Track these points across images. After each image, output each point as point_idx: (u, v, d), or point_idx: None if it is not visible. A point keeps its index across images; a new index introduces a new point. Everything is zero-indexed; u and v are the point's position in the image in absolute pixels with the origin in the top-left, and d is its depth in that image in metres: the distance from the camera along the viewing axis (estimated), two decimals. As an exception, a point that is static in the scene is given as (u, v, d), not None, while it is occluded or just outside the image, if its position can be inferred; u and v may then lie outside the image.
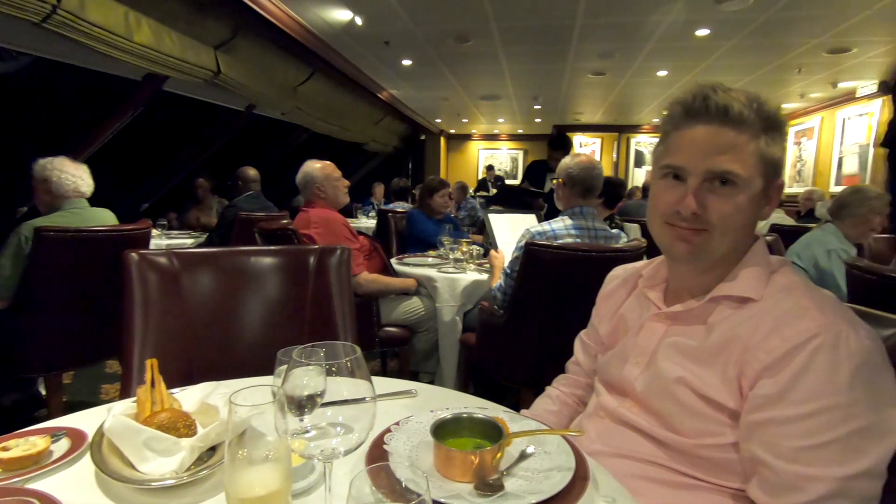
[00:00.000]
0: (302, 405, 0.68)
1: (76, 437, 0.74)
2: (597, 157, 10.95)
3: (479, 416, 0.74)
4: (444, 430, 0.71)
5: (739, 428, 0.72)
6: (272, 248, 1.44)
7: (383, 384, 1.03)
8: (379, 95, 7.40)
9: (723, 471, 0.74)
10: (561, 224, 2.06)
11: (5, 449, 0.68)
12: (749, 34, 4.61)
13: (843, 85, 6.59)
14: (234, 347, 1.33)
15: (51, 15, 2.49)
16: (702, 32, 4.60)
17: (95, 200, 2.43)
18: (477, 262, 2.78)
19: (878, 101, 6.50)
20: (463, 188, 7.29)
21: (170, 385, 0.86)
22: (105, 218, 2.34)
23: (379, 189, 7.72)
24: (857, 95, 6.83)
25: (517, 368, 2.08)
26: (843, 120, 7.29)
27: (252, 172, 4.00)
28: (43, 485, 0.64)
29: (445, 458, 0.67)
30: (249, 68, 4.30)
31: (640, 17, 4.25)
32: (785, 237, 2.97)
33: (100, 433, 0.71)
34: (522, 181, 4.36)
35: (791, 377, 0.66)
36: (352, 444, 0.56)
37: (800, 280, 0.76)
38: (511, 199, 4.39)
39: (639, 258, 1.85)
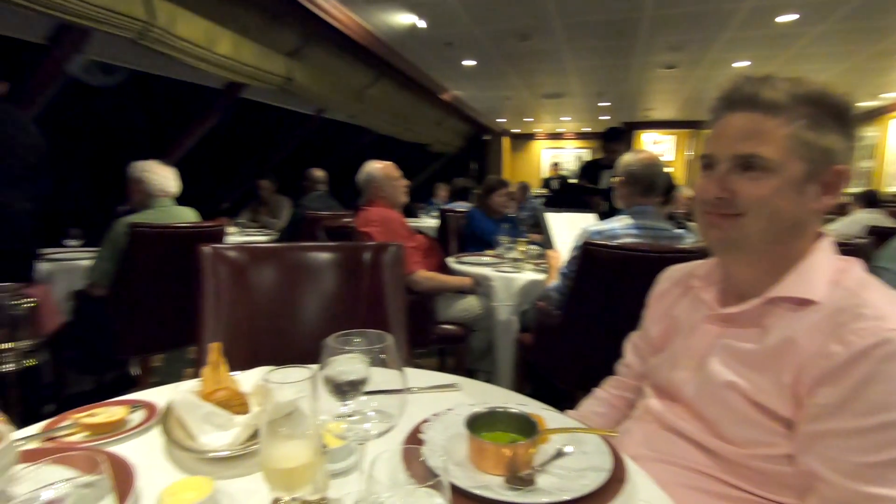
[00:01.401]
0: (344, 391, 0.71)
1: (150, 409, 0.83)
2: (671, 155, 10.44)
3: (514, 410, 0.74)
4: (478, 423, 0.72)
5: (795, 439, 0.67)
6: (329, 244, 1.51)
7: (429, 378, 1.06)
8: (442, 96, 7.50)
9: (775, 484, 0.69)
10: (620, 223, 2.00)
11: (91, 415, 0.77)
12: (842, 18, 4.21)
13: (961, 70, 5.86)
14: (294, 337, 1.41)
15: (146, 32, 2.76)
16: (785, 18, 4.26)
17: (184, 199, 2.65)
18: (534, 261, 2.75)
19: None
20: (524, 188, 7.22)
21: (235, 369, 0.94)
22: (187, 215, 2.55)
23: (442, 190, 7.81)
24: (978, 81, 6.04)
25: (572, 370, 2.04)
26: (961, 109, 6.47)
27: (319, 174, 4.20)
28: (119, 448, 0.72)
29: (478, 450, 0.68)
30: (319, 74, 4.50)
31: (715, 5, 4.01)
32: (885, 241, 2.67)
33: (168, 407, 0.79)
34: (579, 181, 4.28)
35: (854, 386, 0.61)
36: (383, 428, 0.59)
37: (870, 280, 0.70)
38: (570, 198, 4.31)
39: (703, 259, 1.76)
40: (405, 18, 4.36)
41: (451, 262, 2.82)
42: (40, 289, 2.17)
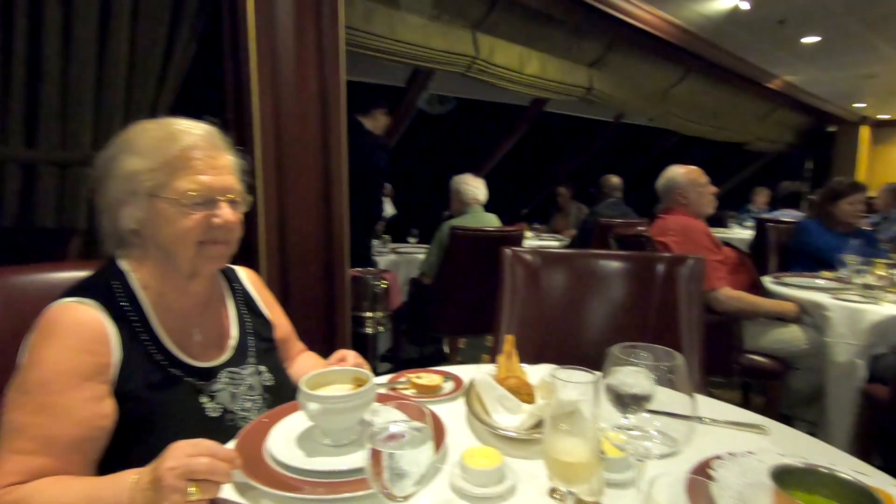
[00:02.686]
0: (626, 403, 0.70)
1: (457, 381, 1.00)
2: None
3: (846, 477, 0.59)
4: (790, 479, 0.60)
5: None
6: (621, 252, 1.49)
7: (727, 412, 0.93)
8: (768, 85, 6.32)
9: None
10: None
11: (419, 377, 0.99)
12: None
13: None
14: (579, 341, 1.45)
15: (471, 65, 3.27)
16: None
17: (489, 206, 3.05)
18: (901, 291, 2.06)
19: None
20: (892, 192, 5.42)
21: (523, 361, 1.04)
22: (492, 220, 2.92)
23: (761, 195, 6.58)
24: None
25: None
26: None
27: (615, 180, 4.15)
28: (435, 408, 0.89)
29: (787, 510, 0.57)
30: (620, 79, 4.44)
31: None
32: None
33: (471, 383, 0.93)
34: None
35: None
36: (666, 451, 0.56)
37: None
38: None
39: None
40: (724, 2, 3.87)
41: (767, 281, 2.37)
42: (390, 274, 2.84)
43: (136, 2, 2.15)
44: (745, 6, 3.88)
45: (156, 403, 0.78)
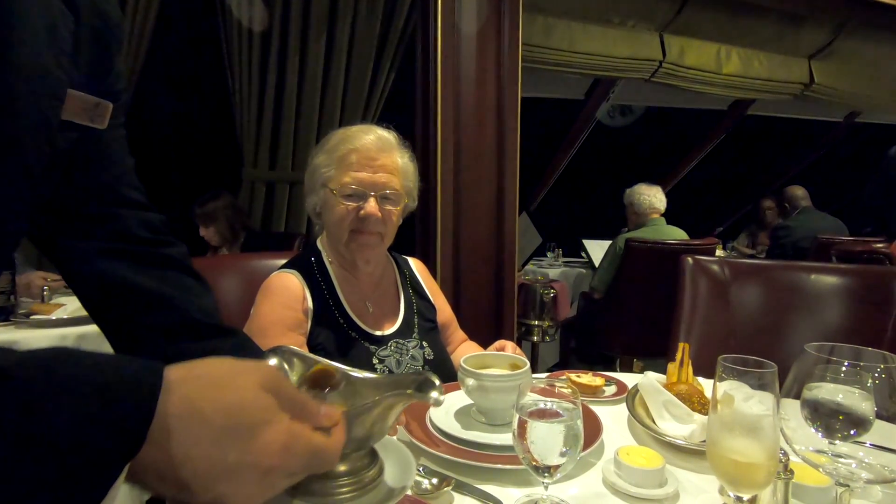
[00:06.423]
0: (830, 426, 0.59)
1: (621, 387, 0.95)
2: None
3: None
4: None
5: None
6: (840, 266, 1.23)
7: None
8: None
9: None
10: None
11: (579, 377, 0.96)
12: None
13: None
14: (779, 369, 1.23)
15: (657, 70, 3.06)
16: None
17: (676, 221, 2.79)
18: None
19: None
20: None
21: (699, 374, 0.93)
22: (675, 233, 2.66)
23: None
24: None
25: None
26: None
27: (799, 191, 3.55)
28: (594, 408, 0.86)
29: None
30: (852, 70, 3.68)
31: None
32: None
33: (635, 388, 0.87)
34: None
35: None
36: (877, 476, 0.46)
37: None
38: None
39: None
40: None
41: None
42: (560, 284, 2.80)
43: (351, 44, 2.58)
44: None
45: (337, 359, 0.92)
